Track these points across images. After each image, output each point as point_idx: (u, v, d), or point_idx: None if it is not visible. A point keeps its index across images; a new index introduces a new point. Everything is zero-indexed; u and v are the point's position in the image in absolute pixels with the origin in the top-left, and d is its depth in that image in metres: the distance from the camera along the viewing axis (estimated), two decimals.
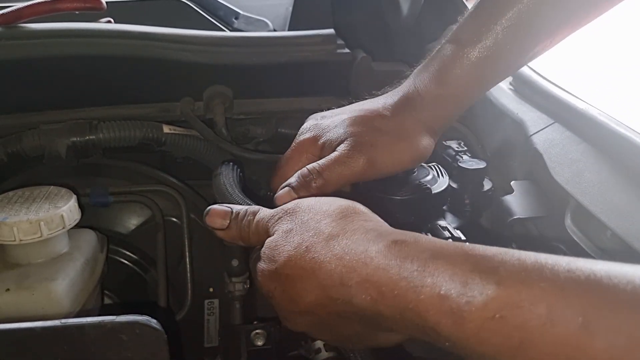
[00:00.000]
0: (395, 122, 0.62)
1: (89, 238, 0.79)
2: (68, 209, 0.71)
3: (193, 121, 0.83)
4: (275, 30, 1.26)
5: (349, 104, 0.68)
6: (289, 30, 1.24)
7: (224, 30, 1.21)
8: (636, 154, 0.60)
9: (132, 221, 0.94)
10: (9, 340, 0.46)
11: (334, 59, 0.84)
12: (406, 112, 0.62)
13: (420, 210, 0.63)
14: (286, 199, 0.59)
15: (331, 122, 0.64)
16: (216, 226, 0.55)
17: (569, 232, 0.61)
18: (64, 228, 0.70)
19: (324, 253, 0.45)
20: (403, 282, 0.40)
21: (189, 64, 0.80)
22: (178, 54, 0.79)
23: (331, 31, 0.85)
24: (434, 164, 0.69)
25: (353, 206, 0.50)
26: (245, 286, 0.78)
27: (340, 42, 0.85)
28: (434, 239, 0.44)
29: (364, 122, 0.62)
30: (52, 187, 0.75)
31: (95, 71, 0.80)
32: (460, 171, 0.69)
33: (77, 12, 0.80)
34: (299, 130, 0.68)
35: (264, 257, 0.50)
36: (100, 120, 0.80)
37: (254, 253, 0.53)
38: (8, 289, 0.66)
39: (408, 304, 0.39)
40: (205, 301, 0.96)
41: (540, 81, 0.80)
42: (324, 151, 0.62)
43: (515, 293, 0.36)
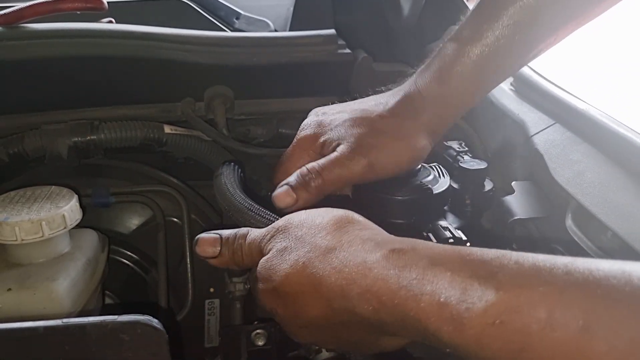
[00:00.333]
0: (395, 122, 0.62)
1: (90, 238, 0.79)
2: (69, 208, 0.71)
3: (194, 121, 0.83)
4: (276, 31, 1.26)
5: (352, 99, 0.68)
6: (290, 30, 1.24)
7: (225, 31, 1.21)
8: (637, 154, 0.60)
9: (133, 221, 0.94)
10: (10, 340, 0.46)
11: (335, 59, 0.84)
12: (406, 112, 0.62)
13: (421, 210, 0.63)
14: (284, 197, 0.58)
15: (332, 119, 0.64)
16: (207, 255, 0.53)
17: (570, 232, 0.61)
18: (65, 228, 0.70)
19: (322, 267, 0.44)
20: (402, 291, 0.40)
21: (190, 64, 0.80)
22: (179, 55, 0.79)
23: (332, 31, 0.85)
24: (435, 164, 0.69)
25: (347, 216, 0.49)
26: (245, 286, 0.79)
27: (341, 42, 0.85)
28: (431, 244, 0.44)
29: (365, 123, 0.62)
30: (53, 187, 0.75)
31: (97, 71, 0.80)
32: (461, 171, 0.69)
33: (78, 13, 0.80)
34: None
35: (260, 278, 0.49)
36: (101, 121, 0.80)
37: (252, 272, 0.52)
38: (9, 289, 0.67)
39: (409, 312, 0.39)
40: (206, 301, 0.96)
41: (541, 82, 0.80)
42: (324, 149, 0.62)
43: (514, 298, 0.36)
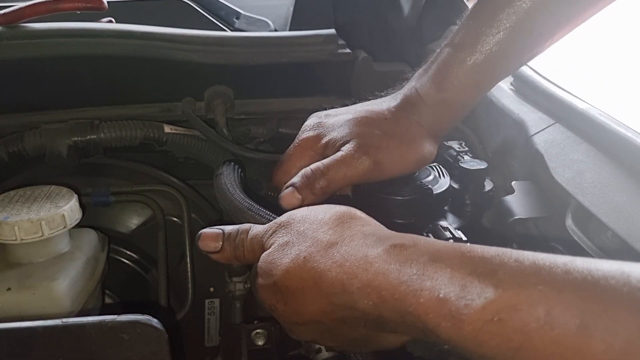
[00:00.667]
0: (400, 126, 0.62)
1: (90, 237, 0.79)
2: (69, 208, 0.71)
3: (194, 121, 0.83)
4: (276, 30, 1.26)
5: (352, 104, 0.68)
6: (290, 30, 1.24)
7: (225, 30, 1.21)
8: (637, 154, 0.60)
9: (133, 221, 0.94)
10: (10, 340, 0.46)
11: (335, 59, 0.84)
12: (409, 116, 0.62)
13: (422, 210, 0.63)
14: (290, 198, 0.59)
15: (335, 121, 0.64)
16: (209, 249, 0.54)
17: (570, 232, 0.61)
18: (65, 227, 0.70)
19: (323, 262, 0.45)
20: (403, 286, 0.40)
21: (190, 63, 0.80)
22: (179, 54, 0.79)
23: (332, 31, 0.85)
24: (435, 164, 0.69)
25: (349, 212, 0.49)
26: (245, 286, 0.79)
27: (341, 42, 0.85)
28: (432, 241, 0.44)
29: (368, 124, 0.62)
30: (53, 186, 0.75)
31: (97, 71, 0.80)
32: (462, 171, 0.69)
33: (78, 12, 0.80)
34: (299, 130, 0.68)
35: (260, 272, 0.49)
36: (101, 120, 0.80)
37: (253, 270, 0.53)
38: (9, 288, 0.67)
39: (408, 307, 0.40)
40: (206, 301, 0.96)
41: (541, 81, 0.80)
42: (327, 150, 0.62)
43: (513, 296, 0.36)
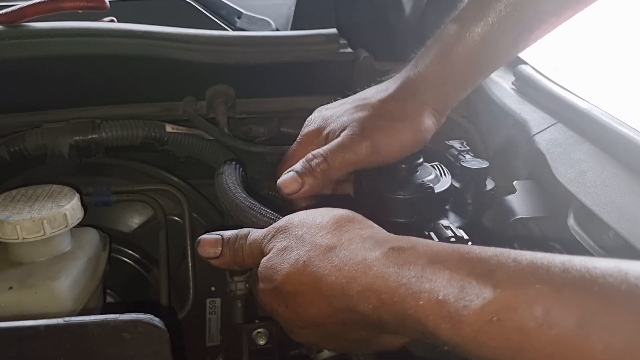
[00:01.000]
0: (398, 104, 0.62)
1: (91, 237, 0.79)
2: (71, 207, 0.71)
3: (196, 120, 0.83)
4: (277, 30, 1.26)
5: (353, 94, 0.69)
6: (291, 29, 1.24)
7: (227, 30, 1.21)
8: (639, 153, 0.60)
9: (134, 220, 0.94)
10: (11, 339, 0.46)
11: (336, 58, 0.84)
12: (408, 94, 0.62)
13: (423, 209, 0.63)
14: (291, 182, 0.59)
15: (335, 112, 0.65)
16: (209, 255, 0.54)
17: (572, 232, 0.61)
18: (66, 227, 0.71)
19: (322, 266, 0.45)
20: (402, 289, 0.40)
21: (191, 63, 0.80)
22: (181, 53, 0.79)
23: (334, 30, 0.85)
24: (436, 163, 0.69)
25: (347, 215, 0.50)
26: (246, 285, 0.78)
27: (342, 41, 0.85)
28: (430, 242, 0.44)
29: (366, 108, 0.62)
30: (54, 185, 0.75)
31: (98, 70, 0.80)
32: (463, 171, 0.69)
33: (80, 11, 0.80)
34: (301, 129, 0.68)
35: (261, 277, 0.49)
36: (102, 120, 0.80)
37: (252, 274, 0.53)
38: (11, 287, 0.67)
39: (407, 309, 0.40)
40: (207, 300, 0.96)
41: (543, 81, 0.80)
42: (329, 140, 0.63)
43: (511, 295, 0.36)
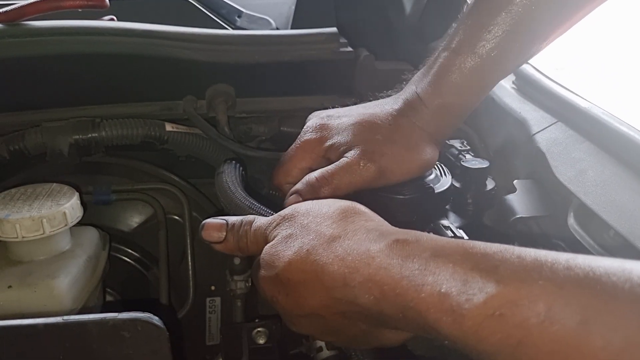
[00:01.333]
0: (403, 131, 0.62)
1: (91, 236, 0.79)
2: (70, 206, 0.71)
3: (196, 119, 0.83)
4: (278, 29, 1.25)
5: (353, 104, 0.68)
6: (291, 28, 1.24)
7: (227, 29, 1.21)
8: (639, 152, 0.60)
9: (134, 219, 0.94)
10: (11, 337, 0.46)
11: (336, 57, 0.84)
12: (411, 120, 0.62)
13: (423, 209, 0.63)
14: None
15: (338, 124, 0.64)
16: (213, 239, 0.54)
17: (572, 231, 0.61)
18: (66, 225, 0.71)
19: (326, 255, 0.45)
20: (404, 281, 0.40)
21: (191, 62, 0.80)
22: (181, 52, 0.79)
23: (334, 30, 0.85)
24: (436, 163, 0.69)
25: (353, 207, 0.50)
26: (246, 284, 0.79)
27: (343, 40, 0.85)
28: (435, 237, 0.44)
29: (371, 129, 0.62)
30: (54, 184, 0.75)
31: (98, 69, 0.80)
32: (463, 170, 0.69)
33: (79, 10, 0.80)
34: (301, 128, 0.67)
35: (263, 264, 0.49)
36: (102, 118, 0.80)
37: (255, 262, 0.53)
38: (10, 286, 0.67)
39: (409, 302, 0.40)
40: (207, 299, 0.96)
41: (543, 80, 0.80)
42: (330, 153, 0.62)
43: (514, 291, 0.36)
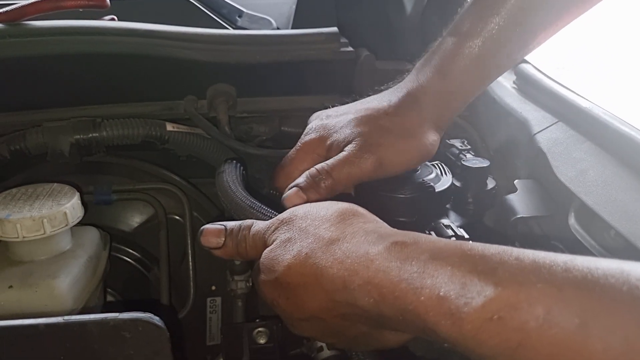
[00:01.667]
0: (401, 120, 0.62)
1: (91, 236, 0.79)
2: (71, 206, 0.71)
3: (196, 119, 0.83)
4: (278, 29, 1.25)
5: (352, 101, 0.68)
6: (292, 28, 1.23)
7: (228, 29, 1.21)
8: None
9: (135, 219, 0.94)
10: (11, 337, 0.46)
11: (337, 57, 0.84)
12: (411, 109, 0.62)
13: (424, 208, 0.63)
14: (295, 199, 0.58)
15: (337, 122, 0.64)
16: (211, 245, 0.54)
17: (573, 231, 0.61)
18: (67, 225, 0.71)
19: (325, 258, 0.45)
20: (403, 283, 0.40)
21: (192, 62, 0.80)
22: (182, 52, 0.79)
23: (335, 29, 0.85)
24: (437, 162, 0.69)
25: (351, 209, 0.50)
26: (247, 284, 0.78)
27: (343, 40, 0.85)
28: (433, 238, 0.44)
29: (370, 122, 0.62)
30: (55, 184, 0.75)
31: (99, 69, 0.80)
32: (464, 170, 0.69)
33: (80, 10, 0.80)
34: (302, 128, 0.67)
35: (262, 269, 0.49)
36: (103, 118, 0.80)
37: (255, 266, 0.53)
38: (11, 286, 0.67)
39: (408, 305, 0.40)
40: (208, 299, 0.96)
41: (544, 80, 0.80)
42: (331, 152, 0.62)
43: (513, 294, 0.36)
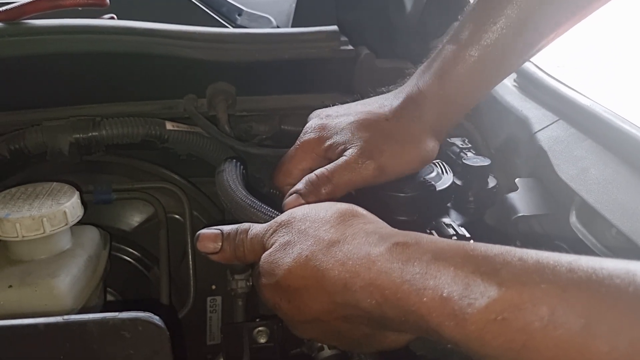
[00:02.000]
0: (402, 126, 0.62)
1: (91, 235, 0.79)
2: (71, 205, 0.71)
3: (196, 118, 0.83)
4: (278, 27, 1.25)
5: (352, 101, 0.68)
6: (292, 26, 1.23)
7: (227, 27, 1.21)
8: None
9: (134, 218, 0.94)
10: (11, 337, 0.46)
11: (337, 55, 0.84)
12: (412, 115, 0.62)
13: (425, 207, 0.63)
14: (295, 204, 0.58)
15: (337, 123, 0.64)
16: (208, 250, 0.53)
17: (574, 229, 0.61)
18: (66, 224, 0.70)
19: (326, 260, 0.44)
20: (406, 285, 0.40)
21: (192, 60, 0.80)
22: (181, 51, 0.79)
23: (334, 28, 0.85)
24: (438, 161, 0.69)
25: (351, 209, 0.49)
26: (247, 283, 0.78)
27: (343, 38, 0.85)
28: (435, 238, 0.44)
29: (371, 126, 0.62)
30: (54, 183, 0.75)
31: (98, 68, 0.80)
32: (465, 168, 0.68)
33: (79, 9, 0.80)
34: (302, 127, 0.67)
35: (262, 272, 0.49)
36: (103, 117, 0.80)
37: (255, 269, 0.52)
38: (11, 286, 0.67)
39: (411, 306, 0.39)
40: (208, 299, 0.96)
41: (545, 78, 0.80)
42: (330, 153, 0.62)
43: (516, 295, 0.36)
